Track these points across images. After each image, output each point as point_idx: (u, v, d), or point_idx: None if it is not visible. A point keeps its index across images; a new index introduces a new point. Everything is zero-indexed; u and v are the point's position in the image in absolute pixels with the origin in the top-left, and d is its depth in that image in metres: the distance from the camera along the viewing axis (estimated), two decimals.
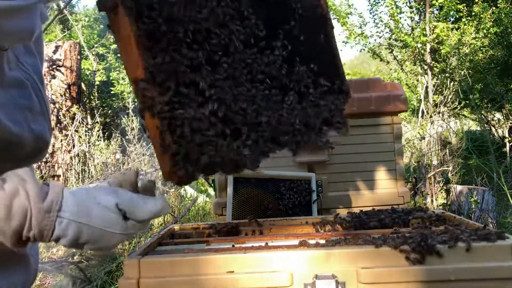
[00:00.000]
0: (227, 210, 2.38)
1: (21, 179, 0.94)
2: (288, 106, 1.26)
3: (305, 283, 1.21)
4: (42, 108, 1.22)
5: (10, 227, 0.90)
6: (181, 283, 1.23)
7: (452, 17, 9.89)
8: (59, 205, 0.94)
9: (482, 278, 1.18)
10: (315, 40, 1.37)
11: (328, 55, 1.39)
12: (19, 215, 0.91)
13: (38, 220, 0.92)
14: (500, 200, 5.22)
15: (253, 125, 1.17)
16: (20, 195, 0.91)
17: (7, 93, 1.10)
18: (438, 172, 5.90)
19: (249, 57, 1.20)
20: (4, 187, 0.91)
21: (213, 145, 1.08)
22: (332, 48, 1.40)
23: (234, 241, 1.50)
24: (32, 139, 1.13)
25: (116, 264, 4.45)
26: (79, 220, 0.96)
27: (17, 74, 1.15)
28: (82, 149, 7.15)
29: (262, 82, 1.22)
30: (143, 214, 1.03)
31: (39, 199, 0.92)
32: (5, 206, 0.89)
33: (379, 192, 2.67)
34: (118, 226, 1.00)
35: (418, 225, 1.53)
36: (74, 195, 0.98)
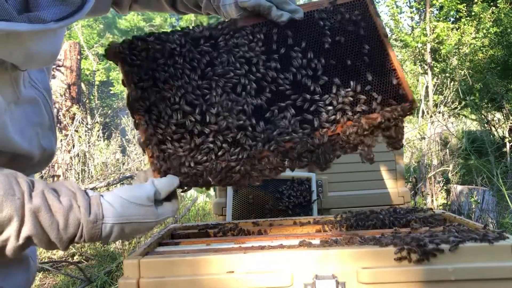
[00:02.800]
0: (227, 210, 2.38)
1: (72, 193, 1.11)
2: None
3: (305, 283, 1.21)
4: (50, 122, 1.33)
5: (66, 235, 1.08)
6: (181, 283, 1.23)
7: (452, 17, 9.88)
8: (102, 215, 1.12)
9: (482, 278, 1.18)
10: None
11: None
12: (74, 226, 1.08)
13: (88, 229, 1.10)
14: (500, 200, 5.22)
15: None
16: (74, 209, 1.09)
17: (21, 110, 1.20)
18: (438, 172, 5.90)
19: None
20: (61, 201, 1.08)
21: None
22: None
23: (234, 241, 1.50)
24: (41, 153, 1.26)
25: (116, 264, 4.45)
26: (119, 221, 1.14)
27: (30, 92, 1.24)
28: (82, 149, 7.15)
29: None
30: (162, 194, 1.23)
31: (87, 213, 1.10)
32: (64, 218, 1.07)
33: (379, 192, 2.67)
34: (152, 216, 1.19)
35: (418, 225, 1.53)
36: (110, 201, 1.15)
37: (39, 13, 0.96)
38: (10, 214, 1.01)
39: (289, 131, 1.35)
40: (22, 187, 1.04)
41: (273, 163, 1.34)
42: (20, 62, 1.08)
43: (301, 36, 1.42)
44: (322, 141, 1.36)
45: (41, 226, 1.05)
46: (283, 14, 1.39)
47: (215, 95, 1.33)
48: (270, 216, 2.30)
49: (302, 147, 1.35)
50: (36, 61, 1.09)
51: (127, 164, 6.97)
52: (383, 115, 1.39)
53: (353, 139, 1.39)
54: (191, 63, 1.35)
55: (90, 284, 4.12)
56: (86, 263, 4.97)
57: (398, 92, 1.43)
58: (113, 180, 5.87)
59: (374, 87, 1.42)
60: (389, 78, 1.43)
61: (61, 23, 0.99)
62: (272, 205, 2.37)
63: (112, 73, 12.75)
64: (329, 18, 1.44)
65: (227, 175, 1.32)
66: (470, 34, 8.69)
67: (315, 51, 1.41)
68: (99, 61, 12.42)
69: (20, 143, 1.15)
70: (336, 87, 1.39)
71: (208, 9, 1.53)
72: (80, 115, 7.61)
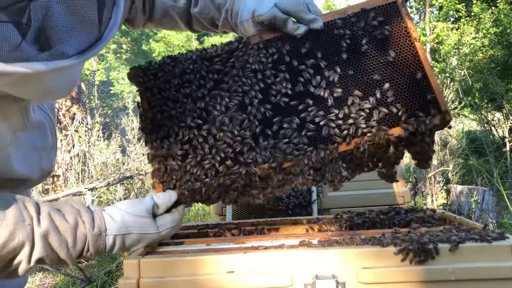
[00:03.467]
0: (227, 210, 2.38)
1: (76, 210, 1.16)
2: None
3: (305, 283, 1.21)
4: (53, 142, 1.36)
5: (75, 251, 1.13)
6: (181, 283, 1.23)
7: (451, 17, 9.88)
8: (105, 227, 1.17)
9: (482, 278, 1.18)
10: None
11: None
12: (81, 242, 1.14)
13: (93, 243, 1.15)
14: (500, 201, 5.21)
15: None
16: (80, 225, 1.14)
17: (28, 135, 1.22)
18: (438, 172, 5.89)
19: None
20: (67, 220, 1.12)
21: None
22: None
23: (234, 241, 1.50)
24: (39, 175, 1.30)
25: (116, 264, 4.44)
26: (120, 232, 1.19)
27: (38, 116, 1.26)
28: (82, 149, 7.14)
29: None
30: (161, 208, 1.30)
31: (92, 227, 1.15)
32: (72, 236, 1.12)
33: (379, 192, 2.66)
34: (151, 227, 1.25)
35: (418, 225, 1.53)
36: (111, 214, 1.20)
37: (60, 48, 0.92)
38: (23, 240, 1.05)
39: (293, 148, 1.29)
40: (31, 212, 1.08)
41: (275, 180, 1.31)
42: (36, 98, 1.13)
43: (318, 46, 1.35)
44: (331, 157, 1.27)
45: (51, 248, 1.09)
46: (299, 26, 1.35)
47: (219, 112, 1.34)
48: (270, 216, 2.30)
49: (306, 164, 1.28)
50: (53, 96, 1.12)
51: (127, 164, 6.97)
52: (406, 128, 1.26)
53: (368, 156, 1.28)
54: (200, 81, 1.37)
55: (90, 284, 4.12)
56: (86, 263, 4.97)
57: (428, 101, 1.28)
58: (113, 180, 5.87)
59: (399, 98, 1.29)
60: (419, 88, 1.29)
61: (83, 56, 0.95)
62: (272, 205, 2.37)
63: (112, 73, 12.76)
64: (351, 26, 1.36)
65: (226, 191, 1.33)
66: (470, 34, 8.69)
67: (331, 61, 1.33)
68: (99, 61, 12.43)
69: (21, 171, 1.19)
70: (351, 100, 1.30)
71: (225, 27, 1.51)
72: (80, 115, 7.60)
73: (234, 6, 1.45)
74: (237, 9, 1.44)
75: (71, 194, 5.36)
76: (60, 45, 0.93)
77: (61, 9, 0.92)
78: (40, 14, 0.89)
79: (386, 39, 1.33)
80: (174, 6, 1.54)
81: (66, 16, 0.93)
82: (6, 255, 1.04)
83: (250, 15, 1.40)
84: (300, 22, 1.36)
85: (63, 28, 0.92)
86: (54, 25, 0.91)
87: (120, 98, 12.22)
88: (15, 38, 0.87)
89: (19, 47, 0.87)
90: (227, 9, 1.47)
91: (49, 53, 0.91)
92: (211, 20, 1.53)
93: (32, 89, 0.98)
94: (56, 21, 0.91)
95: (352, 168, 1.31)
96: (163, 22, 1.61)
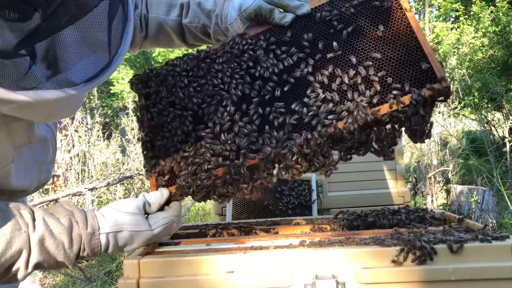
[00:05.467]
0: (227, 210, 2.38)
1: (69, 211, 1.16)
2: None
3: (305, 283, 1.21)
4: (53, 154, 1.36)
5: (72, 252, 1.13)
6: (181, 283, 1.23)
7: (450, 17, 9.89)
8: (98, 226, 1.17)
9: (482, 278, 1.18)
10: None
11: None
12: (77, 243, 1.14)
13: (88, 242, 1.15)
14: (500, 200, 5.21)
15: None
16: (74, 227, 1.14)
17: (31, 150, 1.23)
18: (438, 172, 5.89)
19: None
20: (62, 222, 1.12)
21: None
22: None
23: (234, 241, 1.50)
24: (37, 186, 1.30)
25: (116, 264, 4.44)
26: (112, 230, 1.18)
27: (42, 131, 1.27)
28: (82, 149, 7.14)
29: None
30: (153, 205, 1.29)
31: (85, 226, 1.15)
32: (68, 237, 1.12)
33: (379, 192, 2.67)
34: (143, 224, 1.23)
35: (418, 225, 1.53)
36: (103, 213, 1.20)
37: (67, 75, 0.92)
38: (20, 248, 1.06)
39: (281, 136, 1.26)
40: (26, 219, 1.08)
41: (263, 170, 1.26)
42: (42, 120, 1.13)
43: (308, 31, 1.33)
44: (319, 141, 1.22)
45: (48, 252, 1.09)
46: (285, 15, 1.35)
47: (209, 108, 1.34)
48: (270, 216, 2.30)
49: (294, 153, 1.23)
50: (57, 118, 1.13)
51: (127, 164, 6.97)
52: (399, 102, 1.19)
53: (360, 136, 1.22)
54: (194, 83, 1.38)
55: (90, 284, 4.12)
56: (86, 263, 4.97)
57: (423, 71, 1.21)
58: (113, 180, 5.87)
59: (392, 71, 1.23)
60: (414, 58, 1.22)
61: (90, 84, 0.96)
62: (272, 205, 2.37)
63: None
64: (339, 6, 1.32)
65: (215, 186, 1.31)
66: (470, 33, 8.69)
67: (323, 44, 1.30)
68: None
69: (19, 184, 1.20)
70: (340, 79, 1.26)
71: (217, 34, 1.51)
72: (80, 115, 7.60)
73: (223, 10, 1.46)
74: (226, 12, 1.45)
75: (71, 194, 5.36)
76: (67, 72, 0.93)
77: (70, 37, 0.91)
78: (47, 42, 0.89)
79: (377, 13, 1.29)
80: (167, 20, 1.53)
81: (74, 44, 0.92)
82: (4, 263, 1.05)
83: (238, 12, 1.41)
84: (287, 10, 1.36)
85: (71, 56, 0.92)
86: (62, 53, 0.91)
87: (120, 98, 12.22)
88: (22, 66, 0.86)
89: (26, 75, 0.87)
90: (217, 15, 1.47)
91: (56, 81, 0.91)
92: (203, 28, 1.52)
93: (38, 113, 0.99)
94: (64, 49, 0.91)
95: (344, 150, 1.25)
96: (159, 39, 1.60)
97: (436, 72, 1.21)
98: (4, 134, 1.10)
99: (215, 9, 1.48)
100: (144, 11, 1.54)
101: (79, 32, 0.92)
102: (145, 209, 1.27)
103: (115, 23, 0.98)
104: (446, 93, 1.21)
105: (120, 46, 1.00)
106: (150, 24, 1.55)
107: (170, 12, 1.53)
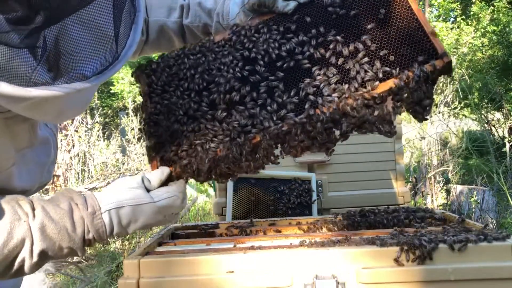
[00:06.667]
0: (227, 210, 2.38)
1: (68, 197, 1.15)
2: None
3: (305, 283, 1.21)
4: (54, 155, 1.36)
5: (77, 235, 1.11)
6: (181, 283, 1.23)
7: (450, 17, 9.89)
8: (98, 206, 1.14)
9: (482, 278, 1.18)
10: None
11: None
12: (80, 225, 1.12)
13: (91, 223, 1.12)
14: (500, 200, 5.21)
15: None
16: (75, 209, 1.12)
17: (33, 152, 1.22)
18: (438, 172, 5.89)
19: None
20: (61, 207, 1.11)
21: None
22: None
23: (234, 241, 1.50)
24: (38, 187, 1.30)
25: (116, 264, 4.45)
26: (113, 207, 1.15)
27: (44, 133, 1.28)
28: (82, 149, 7.14)
29: None
30: (153, 181, 1.25)
31: (85, 207, 1.13)
32: (69, 220, 1.11)
33: (379, 192, 2.67)
34: (145, 197, 1.19)
35: (418, 225, 1.53)
36: (102, 193, 1.18)
37: (78, 70, 0.92)
38: (22, 237, 1.05)
39: (282, 115, 1.25)
40: (25, 209, 1.08)
41: (266, 148, 1.24)
42: (50, 119, 1.12)
43: (310, 17, 1.34)
44: (322, 117, 1.22)
45: (51, 238, 1.09)
46: (288, 3, 1.36)
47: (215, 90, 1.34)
48: (270, 216, 2.30)
49: (296, 127, 1.22)
50: (67, 116, 1.11)
51: (127, 164, 6.97)
52: (401, 78, 1.20)
53: (362, 113, 1.21)
54: (198, 66, 1.39)
55: (90, 284, 4.12)
56: (86, 263, 4.97)
57: (425, 49, 1.23)
58: (113, 180, 5.86)
59: (393, 51, 1.24)
60: (415, 38, 1.24)
61: (101, 78, 0.95)
62: (272, 205, 2.37)
63: None
64: None
65: (217, 164, 1.28)
66: (470, 33, 8.69)
67: (325, 30, 1.32)
68: None
69: (21, 185, 1.19)
70: (342, 58, 1.26)
71: (219, 31, 1.51)
72: (80, 115, 7.60)
73: (224, 7, 1.46)
74: (228, 9, 1.45)
75: None
76: (77, 67, 0.92)
77: (77, 30, 0.91)
78: (55, 37, 0.88)
79: None
80: (167, 22, 1.53)
81: (82, 37, 0.92)
82: (8, 254, 1.05)
83: (240, 5, 1.41)
84: None
85: (80, 50, 0.92)
86: (71, 48, 0.91)
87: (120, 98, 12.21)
88: (32, 62, 0.86)
89: (36, 71, 0.86)
90: (218, 13, 1.48)
91: (67, 76, 0.90)
92: (204, 28, 1.53)
93: (48, 111, 0.98)
94: (72, 43, 0.91)
95: (347, 127, 1.24)
96: (160, 43, 1.59)
97: (437, 48, 1.23)
98: (7, 138, 1.10)
99: (216, 7, 1.49)
100: (144, 15, 1.55)
101: (87, 25, 0.92)
102: (146, 187, 1.22)
103: (124, 15, 0.98)
104: (448, 68, 1.23)
105: (128, 38, 0.99)
106: (151, 28, 1.56)
107: (171, 15, 1.54)
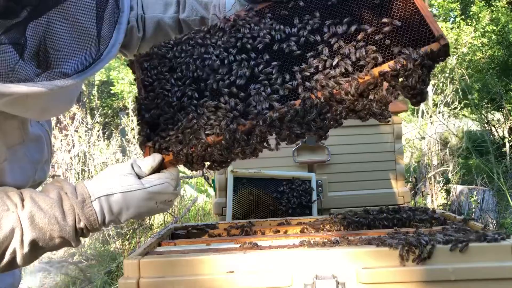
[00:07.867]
0: (227, 210, 2.38)
1: (58, 186, 1.13)
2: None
3: (305, 283, 1.21)
4: (48, 154, 1.35)
5: (67, 224, 1.10)
6: (181, 283, 1.23)
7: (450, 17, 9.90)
8: (88, 194, 1.13)
9: (482, 278, 1.18)
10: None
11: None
12: (70, 214, 1.10)
13: (81, 211, 1.11)
14: (500, 200, 5.21)
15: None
16: (64, 199, 1.11)
17: (25, 149, 1.22)
18: (438, 172, 5.89)
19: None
20: (50, 197, 1.10)
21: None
22: None
23: (234, 241, 1.50)
24: (31, 186, 1.28)
25: (116, 264, 4.45)
26: (102, 194, 1.13)
27: (36, 130, 1.27)
28: (82, 149, 7.14)
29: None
30: (144, 167, 1.22)
31: (75, 196, 1.12)
32: (59, 209, 1.09)
33: (379, 192, 2.67)
34: (135, 183, 1.17)
35: (418, 225, 1.53)
36: (92, 181, 1.17)
37: (59, 67, 0.91)
38: (12, 227, 1.04)
39: (275, 99, 1.24)
40: (14, 200, 1.07)
41: (259, 135, 1.23)
42: (34, 116, 1.10)
43: (304, 1, 1.34)
44: (317, 102, 1.20)
45: (41, 228, 1.07)
46: None
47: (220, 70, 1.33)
48: (270, 216, 2.30)
49: (290, 113, 1.21)
50: (51, 113, 1.12)
51: None
52: (397, 61, 1.18)
53: (358, 97, 1.21)
54: (195, 54, 1.38)
55: (90, 284, 4.12)
56: (86, 263, 4.96)
57: (422, 32, 1.22)
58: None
59: (390, 35, 1.24)
60: (412, 23, 1.23)
61: (82, 76, 0.95)
62: (272, 205, 2.37)
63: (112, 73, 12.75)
64: None
65: (209, 151, 1.26)
66: (469, 33, 8.69)
67: (322, 16, 1.31)
68: None
69: (14, 183, 1.18)
70: (337, 43, 1.26)
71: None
72: (80, 115, 7.60)
73: (220, 0, 1.46)
74: (224, 0, 1.45)
75: None
76: (59, 64, 0.92)
77: (60, 28, 0.91)
78: (38, 33, 0.89)
79: None
80: (164, 18, 1.53)
81: (65, 35, 0.92)
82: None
83: None
84: None
85: (62, 47, 0.92)
86: (53, 45, 0.91)
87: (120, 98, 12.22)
88: (13, 58, 0.86)
89: (17, 67, 0.86)
90: (215, 5, 1.48)
91: (48, 73, 0.90)
92: (201, 21, 1.53)
93: (31, 108, 0.98)
94: (55, 41, 0.91)
95: (343, 112, 1.24)
96: (157, 40, 1.57)
97: (434, 31, 1.22)
98: None
99: (212, 0, 1.49)
100: (140, 12, 1.54)
101: (70, 24, 0.92)
102: (137, 173, 1.21)
103: (107, 14, 0.98)
104: (444, 52, 1.22)
105: (111, 38, 0.99)
106: (147, 24, 1.55)
107: (167, 10, 1.54)
